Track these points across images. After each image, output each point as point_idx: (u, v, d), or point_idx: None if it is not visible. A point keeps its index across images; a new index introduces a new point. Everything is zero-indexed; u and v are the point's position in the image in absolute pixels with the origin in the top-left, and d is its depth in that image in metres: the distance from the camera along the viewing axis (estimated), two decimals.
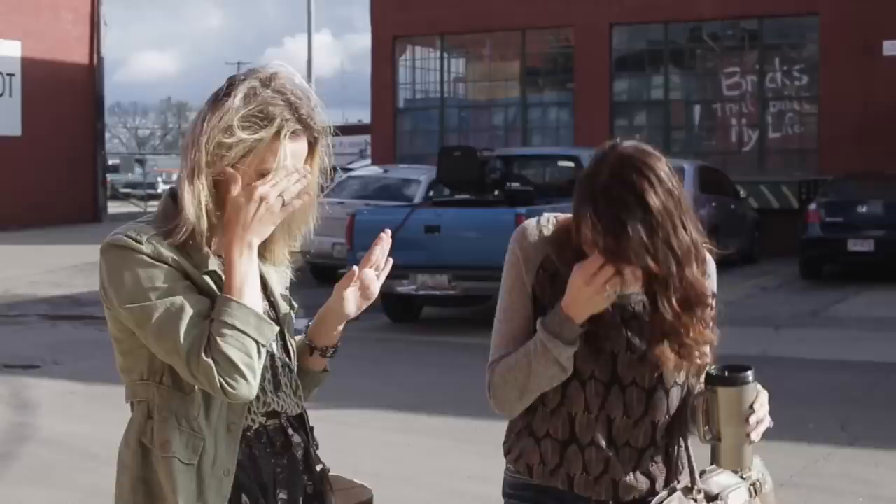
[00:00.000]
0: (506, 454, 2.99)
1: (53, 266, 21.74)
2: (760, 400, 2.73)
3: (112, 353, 2.65)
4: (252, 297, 2.53)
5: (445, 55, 29.02)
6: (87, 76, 33.81)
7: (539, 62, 27.84)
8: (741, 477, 2.83)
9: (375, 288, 2.80)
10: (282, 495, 2.71)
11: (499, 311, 2.87)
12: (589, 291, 2.64)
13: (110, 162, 45.03)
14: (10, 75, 31.38)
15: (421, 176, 19.76)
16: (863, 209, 18.34)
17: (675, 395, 2.84)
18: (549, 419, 2.84)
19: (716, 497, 2.80)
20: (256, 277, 2.56)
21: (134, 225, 2.58)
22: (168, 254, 2.52)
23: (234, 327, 2.48)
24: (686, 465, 2.86)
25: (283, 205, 2.55)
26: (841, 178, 19.82)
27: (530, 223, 2.85)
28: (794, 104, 24.90)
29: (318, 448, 2.84)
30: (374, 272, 2.79)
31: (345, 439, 8.23)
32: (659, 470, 2.85)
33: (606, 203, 2.59)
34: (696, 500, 2.78)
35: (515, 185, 15.89)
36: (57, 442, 8.62)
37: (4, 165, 30.57)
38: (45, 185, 31.13)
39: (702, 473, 2.83)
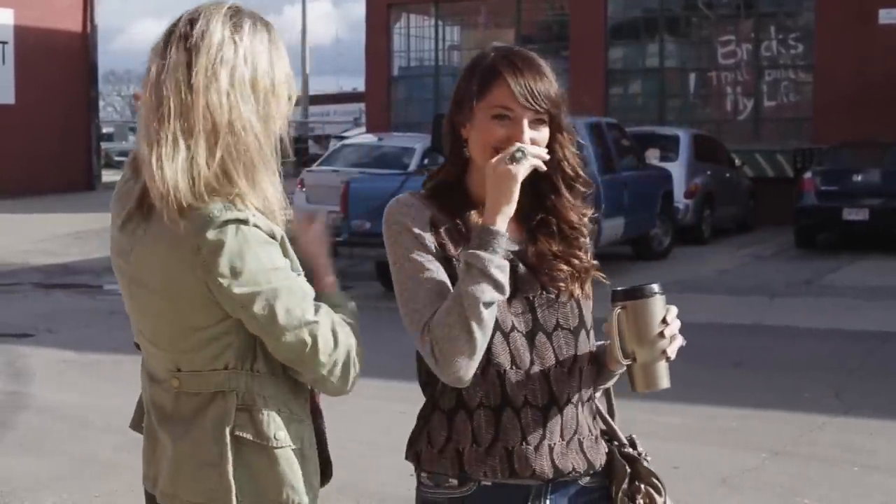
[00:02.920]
0: (417, 459, 2.69)
1: (47, 234, 21.70)
2: (672, 314, 2.54)
3: (106, 321, 2.62)
4: None
5: (440, 23, 28.90)
6: (81, 44, 33.61)
7: (534, 30, 27.72)
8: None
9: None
10: None
11: (402, 286, 2.54)
12: (494, 169, 2.43)
13: (104, 130, 44.85)
14: (3, 43, 31.19)
15: (415, 144, 19.69)
16: (858, 178, 18.30)
17: (593, 338, 2.66)
18: (480, 383, 2.55)
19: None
20: None
21: None
22: None
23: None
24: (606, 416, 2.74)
25: None
26: (836, 147, 19.78)
27: (396, 198, 2.59)
28: (790, 72, 24.81)
29: None
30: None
31: (338, 408, 8.20)
32: (591, 434, 2.66)
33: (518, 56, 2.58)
34: (642, 457, 2.70)
35: None
36: (51, 410, 8.58)
37: None
38: (39, 154, 30.99)
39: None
